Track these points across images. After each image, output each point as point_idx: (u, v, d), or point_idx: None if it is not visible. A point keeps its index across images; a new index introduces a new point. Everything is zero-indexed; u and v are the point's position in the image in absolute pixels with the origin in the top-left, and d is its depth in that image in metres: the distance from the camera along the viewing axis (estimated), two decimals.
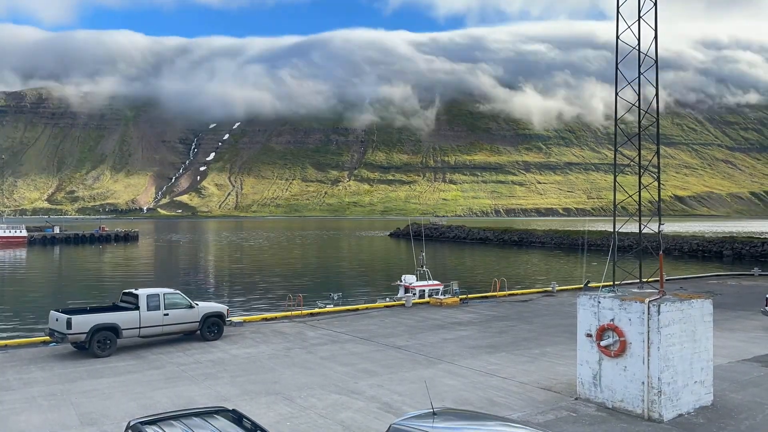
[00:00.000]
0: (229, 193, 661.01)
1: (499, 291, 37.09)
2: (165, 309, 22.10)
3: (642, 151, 16.05)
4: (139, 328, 21.50)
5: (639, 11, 15.62)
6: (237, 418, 9.11)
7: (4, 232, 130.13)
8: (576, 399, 15.34)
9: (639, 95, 15.72)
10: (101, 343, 20.54)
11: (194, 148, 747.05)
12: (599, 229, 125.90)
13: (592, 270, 55.32)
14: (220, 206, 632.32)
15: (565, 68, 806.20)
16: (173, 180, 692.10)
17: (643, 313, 13.95)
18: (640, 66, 15.80)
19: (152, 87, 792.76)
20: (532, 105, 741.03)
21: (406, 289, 35.67)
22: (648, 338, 13.90)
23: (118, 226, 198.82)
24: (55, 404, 15.35)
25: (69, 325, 20.04)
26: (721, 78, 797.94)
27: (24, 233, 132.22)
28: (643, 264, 16.53)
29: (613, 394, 14.56)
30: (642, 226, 15.87)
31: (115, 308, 22.29)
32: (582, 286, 38.32)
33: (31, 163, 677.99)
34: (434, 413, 8.83)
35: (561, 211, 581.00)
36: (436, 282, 37.29)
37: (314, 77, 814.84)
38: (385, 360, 20.04)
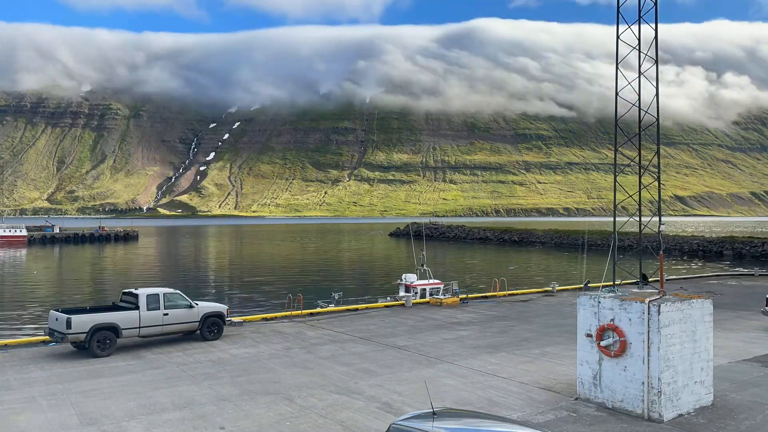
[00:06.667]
0: (229, 193, 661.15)
1: (499, 291, 37.08)
2: (165, 309, 22.07)
3: (642, 151, 16.04)
4: (139, 327, 21.48)
5: (639, 11, 15.61)
6: None
7: (4, 231, 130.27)
8: (576, 399, 15.33)
9: (639, 95, 15.70)
10: (101, 343, 20.52)
11: (194, 148, 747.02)
12: (600, 228, 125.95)
13: (591, 270, 55.35)
14: (220, 206, 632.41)
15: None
16: (173, 180, 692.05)
17: (643, 313, 13.94)
18: (640, 66, 15.79)
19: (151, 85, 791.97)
20: None
21: (407, 288, 35.63)
22: (648, 338, 13.89)
23: (118, 227, 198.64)
24: (55, 404, 15.34)
25: (69, 324, 20.02)
26: None
27: (24, 233, 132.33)
28: (643, 264, 16.52)
29: (613, 394, 14.55)
30: (642, 226, 15.86)
31: (114, 308, 22.26)
32: (582, 286, 38.33)
33: (31, 163, 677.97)
34: (434, 413, 8.81)
35: (561, 211, 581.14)
36: (437, 281, 37.26)
37: (314, 74, 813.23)
38: (385, 360, 20.03)
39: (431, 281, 36.60)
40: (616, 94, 16.09)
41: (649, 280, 17.30)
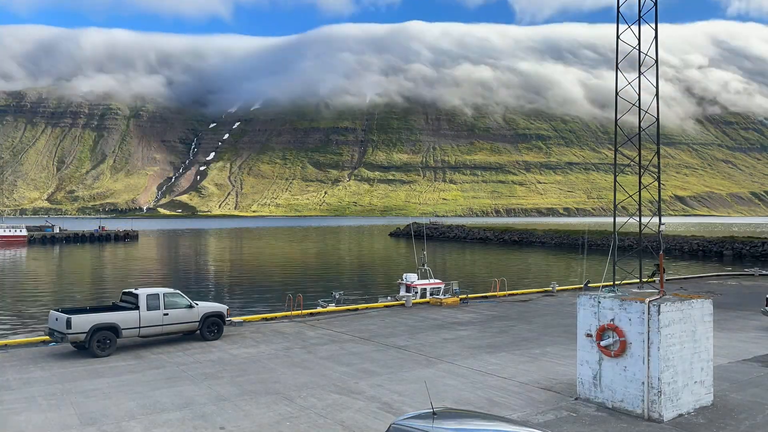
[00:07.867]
0: (229, 193, 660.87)
1: (499, 291, 37.09)
2: (165, 309, 22.07)
3: (642, 151, 16.03)
4: (139, 327, 21.48)
5: (639, 11, 15.61)
6: None
7: (5, 231, 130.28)
8: (576, 399, 15.33)
9: (639, 95, 15.70)
10: (101, 343, 20.52)
11: (194, 148, 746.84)
12: (600, 228, 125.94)
13: (592, 270, 55.33)
14: (220, 206, 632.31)
15: None
16: (173, 180, 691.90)
17: (643, 313, 13.94)
18: (640, 66, 15.79)
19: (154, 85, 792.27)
20: None
21: (408, 288, 35.65)
22: (648, 338, 13.89)
23: (118, 227, 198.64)
24: (55, 404, 15.34)
25: (69, 324, 20.02)
26: None
27: (24, 233, 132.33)
28: (643, 264, 16.51)
29: (613, 394, 14.55)
30: (642, 226, 15.86)
31: (114, 308, 22.27)
32: (582, 286, 38.33)
33: (31, 163, 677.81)
34: (434, 413, 8.81)
35: (561, 211, 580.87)
36: (438, 280, 37.28)
37: (314, 74, 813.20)
38: (385, 360, 20.03)
39: (432, 281, 36.61)
40: (616, 94, 16.09)
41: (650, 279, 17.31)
